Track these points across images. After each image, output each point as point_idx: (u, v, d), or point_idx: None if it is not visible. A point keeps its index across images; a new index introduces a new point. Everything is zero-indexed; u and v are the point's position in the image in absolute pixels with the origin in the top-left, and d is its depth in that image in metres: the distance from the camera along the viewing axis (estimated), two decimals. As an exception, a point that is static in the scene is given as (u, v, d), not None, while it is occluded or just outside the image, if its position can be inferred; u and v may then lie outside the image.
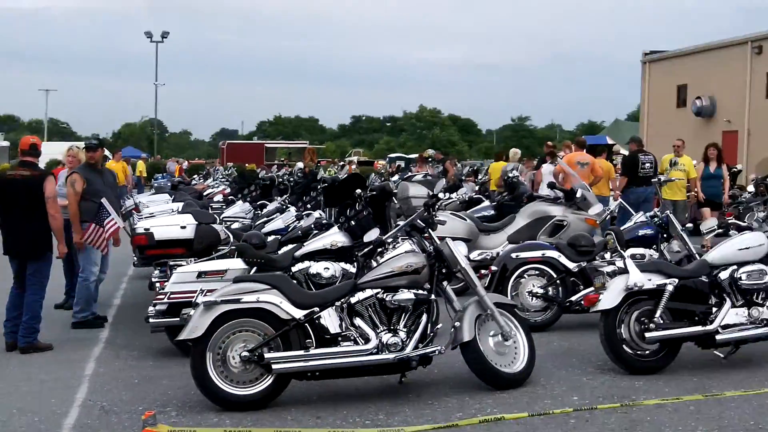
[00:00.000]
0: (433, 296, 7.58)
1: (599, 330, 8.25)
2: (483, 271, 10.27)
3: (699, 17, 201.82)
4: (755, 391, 7.65)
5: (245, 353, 7.16)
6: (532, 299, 10.22)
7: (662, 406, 7.30)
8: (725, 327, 8.25)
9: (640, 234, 10.83)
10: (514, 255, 10.26)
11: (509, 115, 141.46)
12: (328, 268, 9.57)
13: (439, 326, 7.59)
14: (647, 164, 16.15)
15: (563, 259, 10.15)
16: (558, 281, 10.18)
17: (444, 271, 7.73)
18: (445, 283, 7.77)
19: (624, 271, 8.24)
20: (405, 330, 7.40)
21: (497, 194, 17.18)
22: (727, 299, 8.36)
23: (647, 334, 8.08)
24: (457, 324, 7.58)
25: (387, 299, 7.39)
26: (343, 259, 9.74)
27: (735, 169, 23.41)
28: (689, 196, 17.53)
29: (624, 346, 8.22)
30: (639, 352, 8.26)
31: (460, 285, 9.31)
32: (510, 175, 15.32)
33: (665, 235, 10.86)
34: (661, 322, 8.15)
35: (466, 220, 12.33)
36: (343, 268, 9.60)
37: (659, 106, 42.14)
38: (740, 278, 8.35)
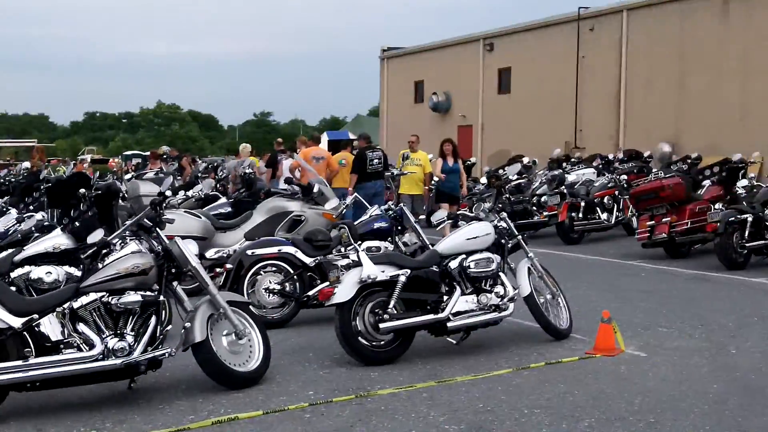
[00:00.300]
0: (162, 297, 7.29)
1: (335, 323, 8.26)
2: (218, 270, 10.05)
3: (437, 14, 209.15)
4: (484, 375, 7.90)
5: (-48, 367, 6.63)
6: (269, 296, 10.11)
7: (396, 394, 7.40)
8: (456, 314, 8.48)
9: (375, 227, 10.95)
10: (249, 252, 10.10)
11: (251, 111, 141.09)
12: (51, 273, 9.01)
13: (168, 328, 7.33)
14: (375, 160, 16.87)
15: (300, 255, 10.09)
16: (295, 277, 10.11)
17: (174, 271, 7.46)
18: (175, 283, 7.50)
19: (358, 264, 8.28)
20: (132, 333, 7.07)
21: (234, 191, 17.00)
22: (457, 287, 8.59)
23: (381, 325, 8.17)
24: (187, 325, 7.34)
25: (112, 302, 7.04)
26: (67, 263, 9.22)
27: (469, 162, 24.33)
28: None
29: (359, 338, 8.27)
30: (374, 343, 8.34)
31: (195, 285, 9.04)
32: (247, 171, 15.17)
33: (400, 228, 11.06)
34: (395, 312, 8.27)
35: (200, 217, 12.05)
36: (67, 272, 9.06)
37: (398, 102, 43.24)
38: (469, 267, 8.59)
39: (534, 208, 19.17)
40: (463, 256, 8.63)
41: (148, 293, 7.17)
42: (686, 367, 8.06)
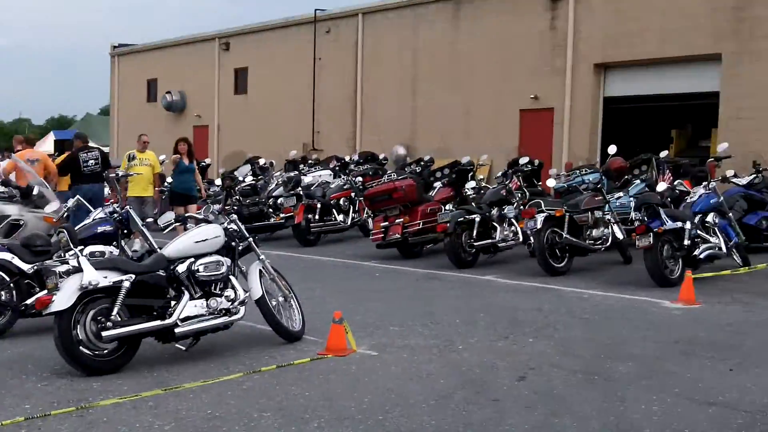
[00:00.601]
0: None
1: (53, 333, 7.79)
2: None
3: (172, 12, 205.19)
4: (213, 380, 7.69)
5: None
6: (-17, 306, 9.45)
7: (120, 404, 7.06)
8: (184, 320, 8.21)
9: (98, 231, 10.45)
10: (-40, 259, 9.39)
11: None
12: None
13: None
14: (91, 161, 16.36)
15: (17, 261, 9.49)
16: (11, 285, 9.51)
17: None
18: None
19: (78, 269, 7.85)
20: None
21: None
22: (186, 292, 8.32)
23: (104, 333, 7.79)
24: None
25: None
26: None
27: (204, 163, 23.98)
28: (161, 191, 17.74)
29: (81, 347, 7.85)
30: (97, 352, 7.95)
31: None
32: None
33: (126, 232, 10.62)
34: (119, 319, 7.91)
35: None
36: None
37: (130, 100, 41.92)
38: (198, 270, 8.34)
39: (270, 210, 19.10)
40: (192, 259, 8.37)
41: None
42: (415, 364, 8.18)
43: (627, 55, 23.31)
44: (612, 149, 15.31)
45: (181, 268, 8.31)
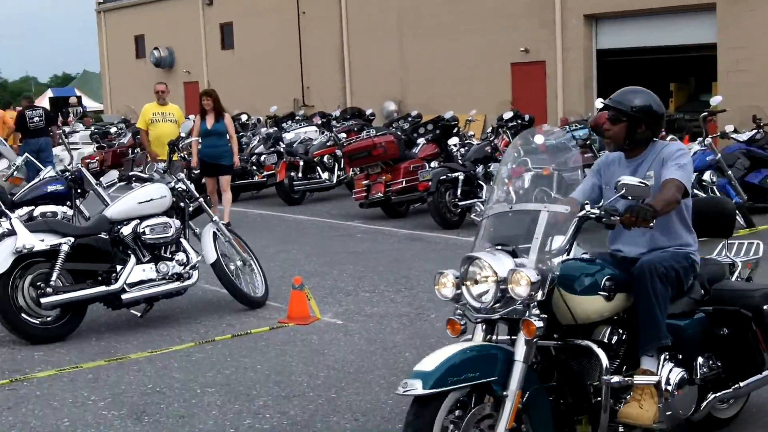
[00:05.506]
0: None
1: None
2: None
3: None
4: (161, 350, 7.23)
5: None
6: None
7: (57, 376, 6.64)
8: (132, 285, 7.70)
9: (49, 190, 9.81)
10: None
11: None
12: None
13: None
14: (36, 118, 17.49)
15: (-40, 223, 8.94)
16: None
17: None
18: None
19: (12, 233, 7.32)
20: None
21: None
22: (132, 255, 7.79)
23: (43, 300, 7.32)
24: None
25: None
26: None
27: (242, 121, 23.38)
28: None
29: (22, 314, 7.40)
30: (40, 320, 7.50)
31: None
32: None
33: (80, 191, 9.99)
34: (60, 285, 7.40)
35: None
36: None
37: (119, 57, 41.11)
38: (144, 232, 7.82)
39: (254, 168, 18.48)
40: (137, 221, 7.82)
41: None
42: (381, 334, 7.63)
43: (617, 5, 22.51)
44: (598, 103, 14.61)
45: (126, 230, 7.78)
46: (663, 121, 4.87)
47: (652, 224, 4.31)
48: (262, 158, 18.15)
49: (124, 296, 7.64)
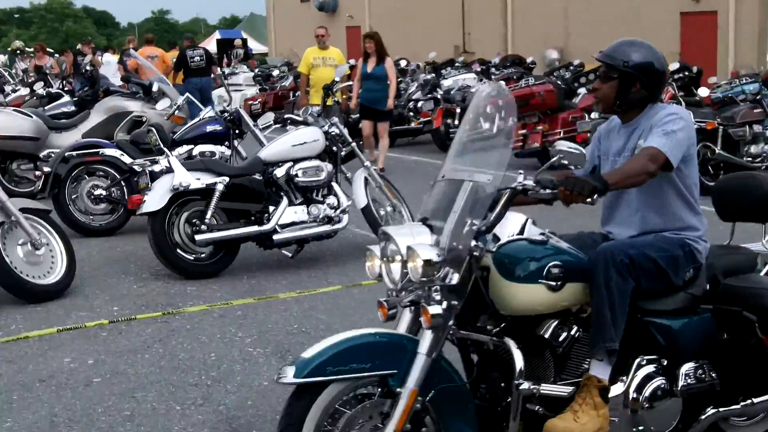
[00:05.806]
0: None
1: (148, 234, 7.56)
2: (37, 173, 9.27)
3: None
4: (309, 292, 7.33)
5: None
6: (95, 202, 9.34)
7: (208, 312, 6.84)
8: (284, 226, 7.81)
9: (207, 131, 10.00)
10: (69, 155, 9.25)
11: (149, 9, 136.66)
12: None
13: None
14: (196, 57, 17.09)
15: (126, 158, 9.29)
16: (122, 182, 9.32)
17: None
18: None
19: (170, 170, 7.55)
20: None
21: (79, 88, 15.85)
22: (285, 197, 7.91)
23: (197, 237, 7.52)
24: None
25: None
26: None
27: (405, 67, 23.44)
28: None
29: (178, 250, 7.65)
30: (195, 256, 7.72)
31: None
32: (87, 68, 14.10)
33: (238, 132, 10.18)
34: (214, 223, 7.60)
35: (31, 116, 11.08)
36: None
37: (284, 1, 41.65)
38: (296, 175, 7.89)
39: (411, 113, 18.48)
40: (290, 163, 7.91)
41: None
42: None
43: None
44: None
45: (279, 172, 7.86)
46: (664, 81, 4.12)
47: (590, 200, 3.56)
48: (419, 104, 18.12)
49: (275, 236, 7.75)
